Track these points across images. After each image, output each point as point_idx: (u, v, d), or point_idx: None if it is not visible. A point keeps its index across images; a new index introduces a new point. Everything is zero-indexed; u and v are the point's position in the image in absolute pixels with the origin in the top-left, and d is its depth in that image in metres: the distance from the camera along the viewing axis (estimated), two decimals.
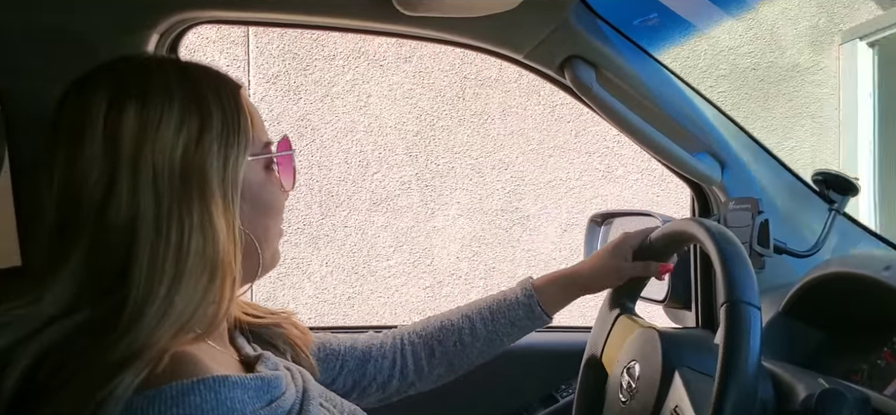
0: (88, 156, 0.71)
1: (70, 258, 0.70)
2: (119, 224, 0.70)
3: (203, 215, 0.72)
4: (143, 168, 0.71)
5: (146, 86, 0.74)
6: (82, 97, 0.74)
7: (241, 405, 0.67)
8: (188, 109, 0.74)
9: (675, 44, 1.20)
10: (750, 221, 1.18)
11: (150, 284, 0.69)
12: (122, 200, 0.70)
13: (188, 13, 1.10)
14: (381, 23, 1.13)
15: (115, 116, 0.72)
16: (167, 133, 0.72)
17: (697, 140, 1.25)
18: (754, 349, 0.76)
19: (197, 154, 0.73)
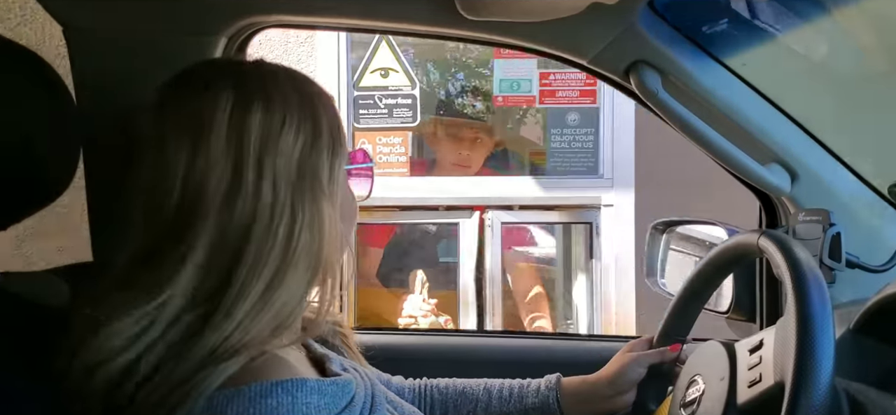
0: (214, 154, 0.74)
1: (193, 254, 0.72)
2: (238, 222, 0.73)
3: (313, 215, 0.76)
4: (266, 169, 0.74)
5: (268, 91, 0.77)
6: (207, 96, 0.76)
7: (316, 411, 0.69)
8: (304, 115, 0.78)
9: (746, 51, 1.17)
10: (820, 233, 1.14)
11: (251, 280, 0.71)
12: (246, 197, 0.73)
13: (255, 18, 1.12)
14: (444, 27, 1.13)
15: (240, 117, 0.75)
16: (289, 137, 0.76)
17: (767, 149, 1.21)
18: (827, 367, 0.73)
19: (310, 158, 0.77)
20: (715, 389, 0.92)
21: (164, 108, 0.78)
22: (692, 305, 1.12)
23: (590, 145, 2.67)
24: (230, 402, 0.65)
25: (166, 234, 0.74)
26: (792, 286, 0.79)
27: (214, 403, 0.65)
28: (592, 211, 2.64)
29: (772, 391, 0.82)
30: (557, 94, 2.65)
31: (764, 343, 0.88)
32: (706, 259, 1.09)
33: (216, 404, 0.65)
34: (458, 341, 1.62)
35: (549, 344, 1.65)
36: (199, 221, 0.72)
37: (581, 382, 1.13)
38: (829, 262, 1.11)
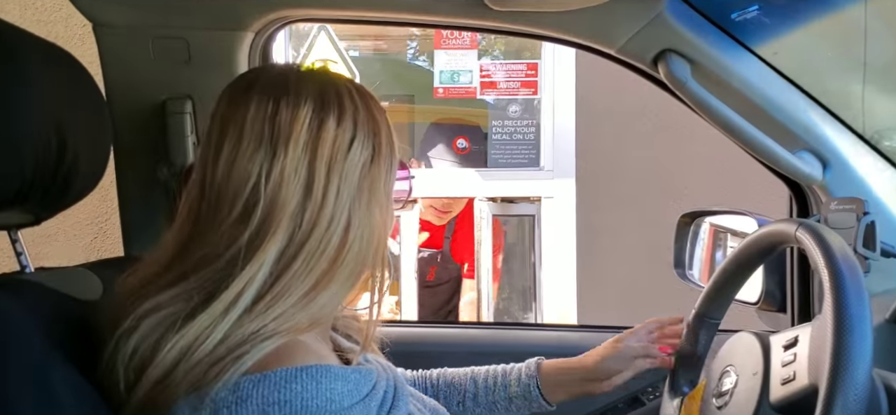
0: (292, 160, 0.76)
1: (266, 254, 0.74)
2: (305, 229, 0.76)
3: (369, 224, 0.80)
4: (334, 178, 0.78)
5: (341, 104, 0.81)
6: (288, 104, 0.78)
7: (340, 397, 0.69)
8: (368, 129, 0.81)
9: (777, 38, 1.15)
10: (854, 222, 1.12)
11: (300, 279, 0.74)
12: (316, 204, 0.76)
13: (283, 12, 1.13)
14: (472, 18, 1.13)
15: (316, 128, 0.78)
16: (357, 150, 0.80)
17: (798, 138, 1.20)
18: (863, 373, 0.72)
19: (372, 170, 0.81)
20: (748, 382, 0.91)
21: (238, 108, 0.79)
22: (725, 290, 1.10)
23: (531, 137, 2.65)
24: (256, 386, 0.66)
25: (231, 233, 0.75)
26: (829, 287, 0.77)
27: (241, 387, 0.66)
28: (533, 203, 2.63)
29: (805, 391, 0.81)
30: (498, 86, 2.64)
31: (799, 340, 0.87)
32: (742, 245, 1.08)
33: (242, 388, 0.66)
34: (473, 334, 1.63)
35: (563, 336, 1.65)
36: (272, 226, 0.75)
37: (560, 368, 1.15)
38: (864, 251, 1.09)
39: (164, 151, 1.22)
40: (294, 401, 0.66)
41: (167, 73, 1.17)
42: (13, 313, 0.68)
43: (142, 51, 1.15)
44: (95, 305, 0.85)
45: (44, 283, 0.81)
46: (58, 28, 2.63)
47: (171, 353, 0.69)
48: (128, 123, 1.19)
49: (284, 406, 0.65)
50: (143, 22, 1.13)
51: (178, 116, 1.18)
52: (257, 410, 0.65)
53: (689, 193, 2.83)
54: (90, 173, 0.89)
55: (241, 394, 0.66)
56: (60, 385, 0.69)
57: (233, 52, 1.16)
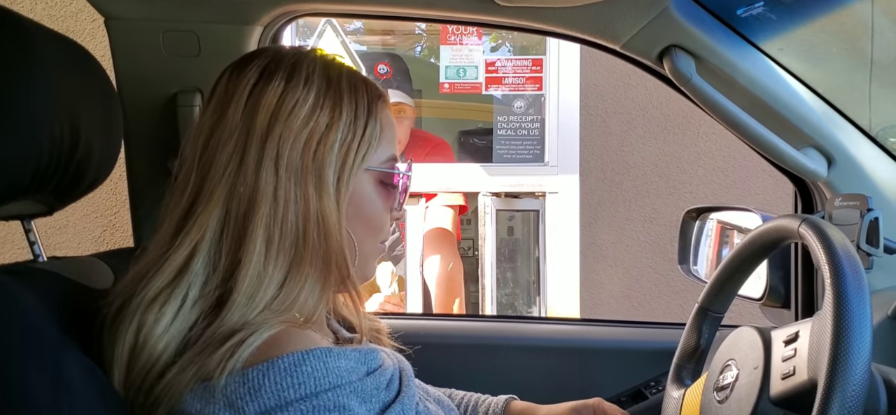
0: (230, 124, 0.75)
1: (209, 221, 0.74)
2: (244, 199, 0.74)
3: (318, 209, 0.76)
4: (270, 144, 0.74)
5: (291, 71, 0.77)
6: (238, 68, 0.79)
7: (348, 374, 0.70)
8: (321, 103, 0.77)
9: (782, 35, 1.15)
10: (858, 219, 1.12)
11: (264, 267, 0.73)
12: (248, 168, 0.74)
13: (291, 6, 1.14)
14: (479, 13, 1.14)
15: (258, 91, 0.76)
16: (296, 121, 0.75)
17: (803, 134, 1.20)
18: (861, 369, 0.72)
19: (318, 149, 0.76)
20: (748, 377, 0.92)
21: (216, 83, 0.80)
22: (729, 284, 1.11)
23: (536, 132, 2.66)
24: (266, 375, 0.66)
25: (178, 199, 0.77)
26: (830, 283, 0.78)
27: (250, 378, 0.66)
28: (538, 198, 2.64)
29: (805, 387, 0.81)
30: (504, 81, 2.64)
31: (799, 336, 0.87)
32: (745, 240, 1.08)
33: (252, 379, 0.66)
34: (478, 326, 1.63)
35: (572, 330, 1.66)
36: (207, 187, 0.75)
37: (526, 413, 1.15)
38: (867, 247, 1.10)
39: (174, 144, 1.23)
40: (307, 383, 0.67)
41: (177, 66, 1.18)
42: (26, 300, 0.70)
43: (152, 44, 1.16)
44: (107, 293, 0.86)
45: (56, 271, 0.83)
46: (68, 23, 2.65)
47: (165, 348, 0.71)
48: (138, 115, 1.20)
49: (299, 389, 0.66)
50: (154, 15, 1.14)
51: (187, 108, 1.19)
52: (273, 396, 0.66)
53: (693, 189, 2.83)
54: (101, 164, 0.90)
55: (253, 385, 0.66)
56: (72, 370, 0.70)
57: (242, 45, 1.17)
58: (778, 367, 0.88)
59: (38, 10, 2.66)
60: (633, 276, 2.88)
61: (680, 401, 1.08)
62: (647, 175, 2.83)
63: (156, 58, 1.16)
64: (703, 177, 2.82)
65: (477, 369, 1.48)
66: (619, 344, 1.55)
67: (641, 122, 2.81)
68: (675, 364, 1.14)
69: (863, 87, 1.79)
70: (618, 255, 2.88)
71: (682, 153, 2.82)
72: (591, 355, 1.51)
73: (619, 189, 2.85)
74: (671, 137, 2.81)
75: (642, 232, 2.86)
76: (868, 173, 1.23)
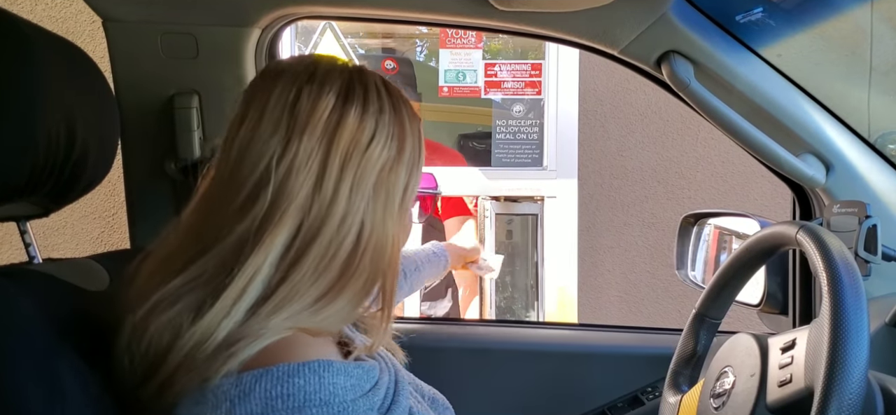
0: (306, 149, 0.74)
1: (272, 244, 0.72)
2: (315, 222, 0.74)
3: (383, 228, 0.78)
4: (348, 174, 0.75)
5: (366, 100, 0.78)
6: (314, 92, 0.77)
7: (343, 392, 0.69)
8: (393, 131, 0.79)
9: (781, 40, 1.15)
10: (856, 225, 1.12)
11: (311, 281, 0.73)
12: (325, 198, 0.74)
13: (289, 9, 1.14)
14: (477, 17, 1.14)
15: (337, 119, 0.76)
16: (376, 149, 0.77)
17: (801, 140, 1.20)
18: (858, 378, 0.72)
19: (391, 174, 0.79)
20: (745, 384, 0.91)
21: (264, 90, 0.78)
22: (726, 290, 1.11)
23: (534, 137, 2.66)
24: (259, 381, 0.66)
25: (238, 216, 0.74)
26: (827, 290, 0.77)
27: (243, 381, 0.66)
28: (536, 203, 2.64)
29: (801, 394, 0.81)
30: (503, 85, 2.64)
31: (796, 343, 0.87)
32: (742, 246, 1.08)
33: (245, 382, 0.66)
34: (478, 331, 1.63)
35: (569, 335, 1.66)
36: (278, 213, 0.73)
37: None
38: (865, 254, 1.10)
39: (171, 146, 1.23)
40: (297, 395, 0.66)
41: (175, 68, 1.18)
42: (21, 303, 0.69)
43: (150, 46, 1.16)
44: (102, 295, 0.86)
45: (51, 273, 0.82)
46: (68, 24, 2.65)
47: (181, 352, 0.69)
48: (135, 117, 1.20)
49: (287, 400, 0.65)
50: (152, 18, 1.14)
51: (185, 111, 1.19)
52: (260, 403, 0.65)
53: (691, 194, 2.83)
54: (98, 166, 0.90)
55: (244, 388, 0.66)
56: (66, 374, 0.69)
57: (240, 48, 1.17)
58: (775, 374, 0.88)
59: (38, 11, 2.66)
60: (631, 281, 2.88)
61: (676, 407, 1.08)
62: (645, 180, 2.82)
63: (153, 60, 1.16)
64: (702, 182, 2.82)
65: (473, 374, 1.47)
66: (616, 349, 1.55)
67: (640, 127, 2.81)
68: (671, 370, 1.14)
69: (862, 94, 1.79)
70: (616, 260, 2.88)
71: (680, 158, 2.81)
72: (588, 361, 1.51)
73: (617, 194, 2.85)
74: (670, 142, 2.81)
75: (640, 237, 2.86)
76: (866, 180, 1.23)
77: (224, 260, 0.73)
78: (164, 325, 0.71)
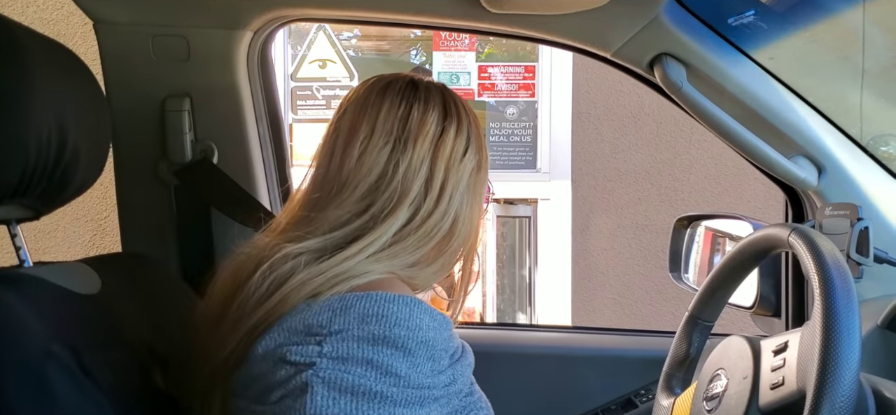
0: (418, 156, 0.89)
1: (389, 228, 0.86)
2: (423, 214, 0.89)
3: (472, 220, 0.95)
4: (451, 179, 0.91)
5: (460, 116, 0.94)
6: (421, 111, 0.92)
7: (427, 327, 0.78)
8: (477, 143, 0.96)
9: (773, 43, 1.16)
10: (848, 228, 1.12)
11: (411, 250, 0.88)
12: (433, 197, 0.89)
13: (281, 12, 1.14)
14: (468, 20, 1.14)
15: (439, 133, 0.91)
16: (469, 158, 0.93)
17: (793, 143, 1.20)
18: (850, 381, 0.72)
19: (477, 177, 0.95)
20: (738, 386, 0.91)
21: (372, 105, 0.92)
22: (719, 293, 1.11)
23: (528, 139, 2.67)
24: (360, 299, 0.76)
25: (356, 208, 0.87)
26: (819, 293, 0.77)
27: (347, 297, 0.76)
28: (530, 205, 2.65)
29: (794, 397, 0.81)
30: (496, 88, 2.65)
31: (789, 346, 0.87)
32: (735, 249, 1.08)
33: (348, 298, 0.76)
34: (472, 334, 1.63)
35: (562, 338, 1.66)
36: (396, 208, 0.87)
37: None
38: (857, 257, 1.10)
39: (163, 149, 1.22)
40: (390, 316, 0.75)
41: (166, 71, 1.17)
42: (11, 307, 0.69)
43: (142, 49, 1.15)
44: (93, 299, 0.86)
45: (42, 277, 0.82)
46: (60, 26, 2.64)
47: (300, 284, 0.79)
48: (127, 120, 1.20)
49: (381, 320, 0.75)
50: (144, 20, 1.14)
51: (176, 113, 1.19)
52: (358, 317, 0.75)
53: (685, 196, 2.84)
54: (89, 169, 0.89)
55: (347, 302, 0.76)
56: (57, 378, 0.69)
57: (231, 50, 1.17)
58: (767, 377, 0.88)
59: (30, 12, 2.65)
60: (624, 283, 2.88)
61: (670, 410, 1.08)
62: (638, 182, 2.83)
63: (145, 62, 1.16)
64: (695, 184, 2.83)
65: None
66: (609, 352, 1.55)
67: (633, 129, 2.81)
68: (664, 373, 1.14)
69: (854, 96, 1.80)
70: (610, 262, 2.88)
71: (673, 160, 2.82)
72: (581, 363, 1.51)
73: (611, 196, 2.85)
74: (663, 145, 2.82)
75: (634, 239, 2.87)
76: (858, 182, 1.23)
77: (347, 234, 0.86)
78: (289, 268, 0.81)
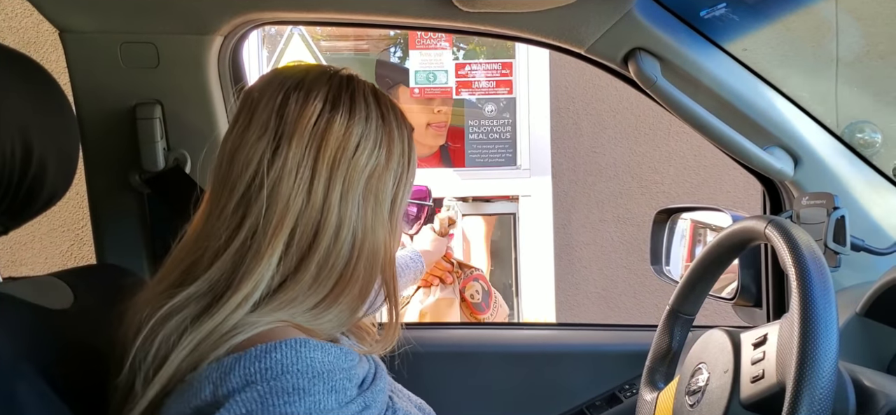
0: (295, 154, 0.76)
1: (272, 253, 0.75)
2: (309, 230, 0.76)
3: (374, 235, 0.79)
4: (337, 180, 0.77)
5: (353, 104, 0.80)
6: (301, 99, 0.79)
7: (320, 364, 0.70)
8: (380, 138, 0.81)
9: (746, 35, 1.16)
10: (825, 217, 1.13)
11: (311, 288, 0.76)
12: (316, 204, 0.76)
13: (251, 15, 1.13)
14: (441, 19, 1.13)
15: (324, 125, 0.77)
16: (361, 158, 0.79)
17: (769, 134, 1.20)
18: (828, 372, 0.72)
19: (379, 181, 0.80)
20: (719, 380, 0.91)
21: (255, 95, 0.80)
22: (698, 286, 1.11)
23: (507, 136, 2.67)
24: (238, 361, 0.68)
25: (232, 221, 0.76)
26: (796, 284, 0.77)
27: (224, 364, 0.68)
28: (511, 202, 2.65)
29: (774, 390, 0.81)
30: (473, 85, 2.64)
31: (768, 338, 0.87)
32: (713, 242, 1.08)
33: (225, 364, 0.68)
34: (457, 334, 1.63)
35: (546, 335, 1.66)
36: (274, 220, 0.75)
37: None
38: (834, 246, 1.10)
39: (135, 158, 1.21)
40: (274, 367, 0.68)
41: (136, 78, 1.16)
42: None
43: (110, 56, 1.13)
44: (66, 314, 0.84)
45: (11, 293, 0.80)
46: (29, 34, 2.60)
47: (186, 349, 0.71)
48: (97, 129, 1.18)
49: (265, 373, 0.67)
50: (111, 28, 1.12)
51: (148, 121, 1.17)
52: (240, 379, 0.67)
53: (665, 188, 2.85)
54: (58, 181, 0.88)
55: (225, 369, 0.68)
56: (25, 395, 0.68)
57: (201, 55, 1.15)
58: (748, 370, 0.88)
59: None
60: (608, 276, 2.89)
61: (653, 405, 1.08)
62: (619, 176, 2.84)
63: (114, 70, 1.14)
64: (675, 176, 2.84)
65: (451, 377, 1.47)
66: (593, 348, 1.55)
67: (612, 123, 2.82)
68: (647, 367, 1.14)
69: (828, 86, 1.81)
70: (592, 256, 2.89)
71: (653, 153, 2.83)
72: (566, 360, 1.51)
73: (592, 191, 2.85)
74: (642, 138, 2.83)
75: (616, 233, 2.87)
76: (834, 171, 1.24)
77: (225, 269, 0.75)
78: (172, 329, 0.73)
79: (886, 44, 2.58)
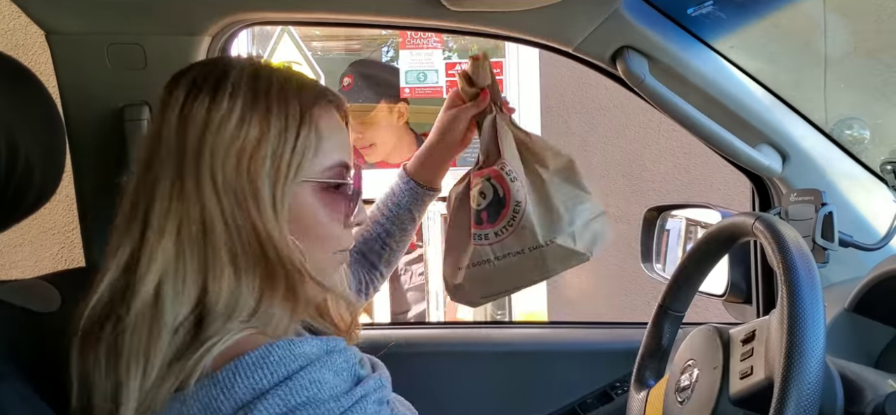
0: (166, 145, 0.74)
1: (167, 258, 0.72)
2: (195, 223, 0.73)
3: (262, 226, 0.74)
4: (203, 168, 0.73)
5: (217, 85, 0.75)
6: (169, 86, 0.78)
7: (315, 355, 0.70)
8: (248, 117, 0.74)
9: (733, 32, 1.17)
10: (813, 213, 1.13)
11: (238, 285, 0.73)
12: (191, 196, 0.73)
13: (239, 15, 1.12)
14: (429, 18, 1.13)
15: (187, 109, 0.74)
16: (224, 136, 0.73)
17: (757, 131, 1.21)
18: (815, 368, 0.72)
19: (251, 165, 0.74)
20: (708, 377, 0.92)
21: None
22: (688, 283, 1.11)
23: None
24: (235, 372, 0.66)
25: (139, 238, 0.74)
26: (783, 281, 0.78)
27: (220, 378, 0.66)
28: None
29: (762, 386, 0.82)
30: None
31: (756, 335, 0.87)
32: (701, 239, 1.08)
33: (222, 379, 0.66)
34: (449, 334, 1.63)
35: (538, 333, 1.66)
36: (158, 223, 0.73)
37: (422, 155, 1.23)
38: (822, 242, 1.11)
39: (123, 159, 1.20)
40: (277, 370, 0.67)
41: (123, 79, 1.15)
42: None
43: (97, 58, 1.13)
44: (53, 316, 0.84)
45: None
46: (17, 36, 2.59)
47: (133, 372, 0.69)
48: (85, 131, 1.17)
49: (271, 377, 0.66)
50: (97, 29, 1.11)
51: (135, 122, 1.16)
52: (247, 390, 0.66)
53: (656, 186, 2.85)
54: (44, 184, 0.87)
55: (225, 384, 0.66)
56: (8, 398, 0.68)
57: (189, 56, 1.14)
58: (736, 366, 0.88)
59: None
60: (600, 274, 2.89)
61: (644, 402, 1.08)
62: (610, 174, 2.84)
63: (101, 72, 1.13)
64: (666, 174, 2.84)
65: (442, 376, 1.47)
66: (585, 346, 1.55)
67: (603, 121, 2.82)
68: (637, 365, 1.14)
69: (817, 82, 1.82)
70: None
71: (643, 151, 2.84)
72: (557, 358, 1.51)
73: None
74: (632, 136, 2.83)
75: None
76: (822, 168, 1.24)
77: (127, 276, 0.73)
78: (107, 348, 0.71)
79: (874, 40, 2.59)
